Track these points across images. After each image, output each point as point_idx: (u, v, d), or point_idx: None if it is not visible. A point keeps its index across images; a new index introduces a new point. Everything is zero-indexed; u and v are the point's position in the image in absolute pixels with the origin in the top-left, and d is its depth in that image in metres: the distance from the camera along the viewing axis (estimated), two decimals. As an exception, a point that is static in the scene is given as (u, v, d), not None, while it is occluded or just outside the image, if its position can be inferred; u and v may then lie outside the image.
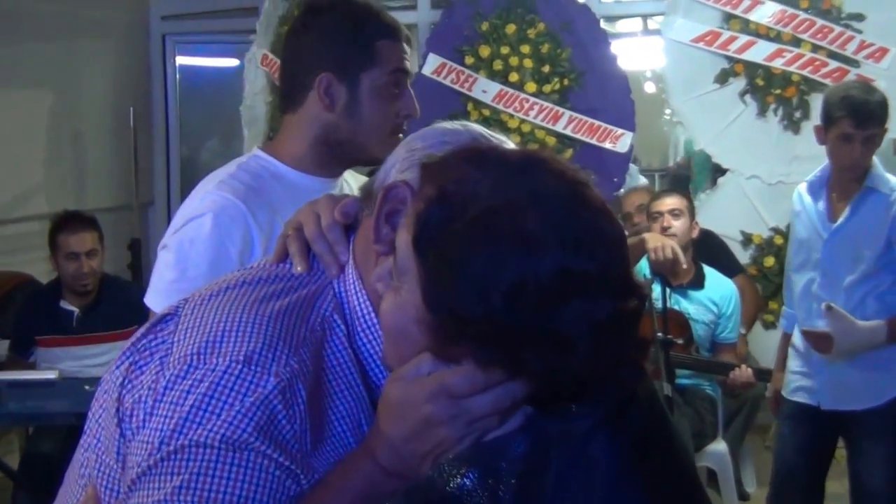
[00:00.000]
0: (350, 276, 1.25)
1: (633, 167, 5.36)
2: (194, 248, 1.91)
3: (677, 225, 4.08)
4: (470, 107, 5.13)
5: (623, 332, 1.01)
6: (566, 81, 5.06)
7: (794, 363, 3.44)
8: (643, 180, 5.71)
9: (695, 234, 4.17)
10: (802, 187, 3.39)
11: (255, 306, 1.18)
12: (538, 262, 0.96)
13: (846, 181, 3.24)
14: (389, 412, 1.10)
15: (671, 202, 4.14)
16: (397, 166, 1.28)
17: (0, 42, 5.14)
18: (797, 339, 3.42)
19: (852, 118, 3.11)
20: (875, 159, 3.23)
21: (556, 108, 5.05)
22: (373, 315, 1.21)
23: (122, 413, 1.17)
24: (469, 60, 5.15)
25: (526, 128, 5.07)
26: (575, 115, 5.04)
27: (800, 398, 3.39)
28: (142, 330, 1.22)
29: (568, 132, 5.03)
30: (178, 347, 1.15)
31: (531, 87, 5.08)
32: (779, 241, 4.86)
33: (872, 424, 3.24)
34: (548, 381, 0.99)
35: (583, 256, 0.98)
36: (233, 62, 6.16)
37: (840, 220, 3.24)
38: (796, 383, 3.41)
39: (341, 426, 1.18)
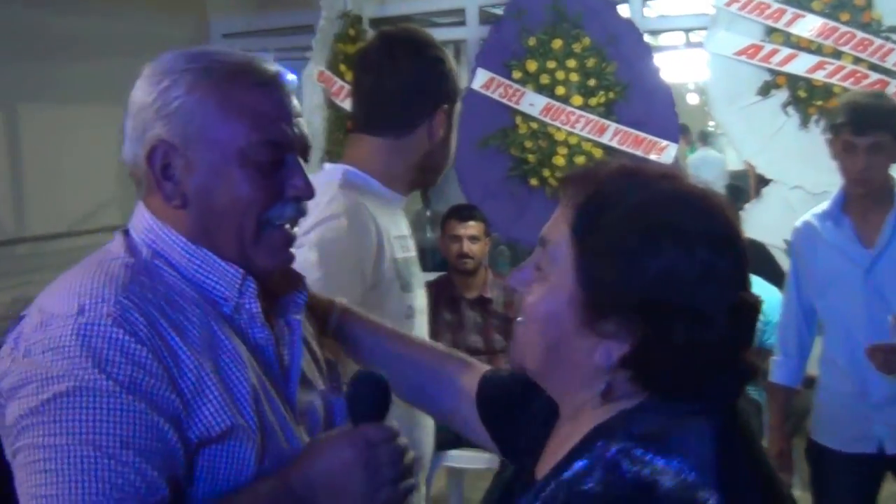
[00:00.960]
0: (156, 230, 1.37)
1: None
2: (337, 246, 2.00)
3: None
4: (518, 120, 5.27)
5: (748, 319, 1.19)
6: (611, 94, 5.17)
7: (839, 411, 3.08)
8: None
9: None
10: (810, 220, 3.17)
11: (80, 274, 1.31)
12: (688, 250, 1.15)
13: (862, 201, 3.01)
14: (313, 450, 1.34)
15: None
16: (140, 131, 1.37)
17: (72, 60, 5.40)
18: (837, 383, 3.09)
19: (851, 125, 2.90)
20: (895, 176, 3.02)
21: (602, 120, 5.16)
22: (192, 247, 1.36)
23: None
24: (517, 75, 5.27)
25: (573, 140, 5.20)
26: (620, 127, 5.15)
27: (855, 448, 3.05)
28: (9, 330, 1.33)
29: (614, 144, 5.14)
30: (26, 330, 1.27)
31: (577, 100, 5.20)
32: (822, 249, 4.91)
33: None
34: (687, 354, 1.15)
35: (722, 251, 1.17)
36: (289, 77, 6.33)
37: (879, 242, 2.98)
38: (848, 433, 3.07)
39: (196, 331, 1.30)
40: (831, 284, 3.10)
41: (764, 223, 5.00)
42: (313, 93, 5.61)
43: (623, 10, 5.32)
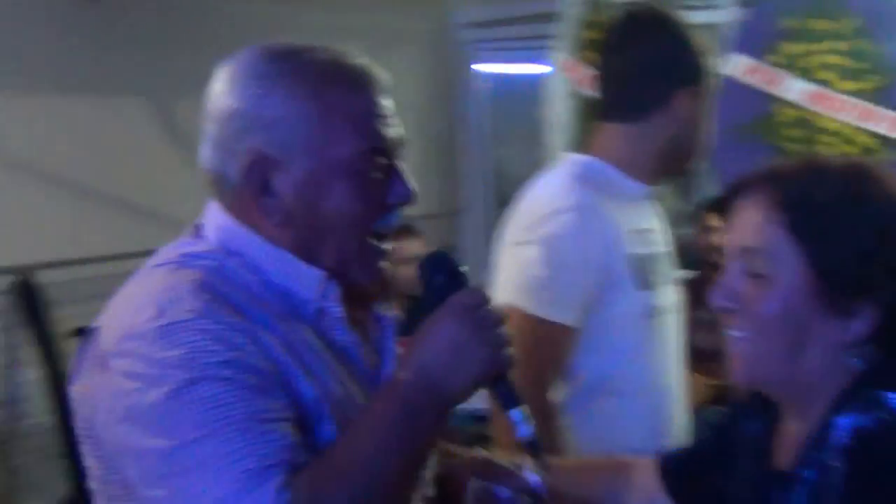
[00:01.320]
0: (232, 230, 1.31)
1: None
2: (565, 243, 1.97)
3: None
4: (778, 107, 5.01)
5: None
6: (882, 79, 4.84)
7: None
8: None
9: None
10: None
11: (150, 279, 1.27)
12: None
13: None
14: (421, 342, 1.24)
15: None
16: (233, 140, 1.30)
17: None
18: None
19: None
20: None
21: (872, 106, 4.84)
22: (270, 248, 1.30)
23: (94, 420, 1.24)
24: (776, 59, 5.01)
25: (840, 128, 4.90)
26: (892, 113, 4.79)
27: None
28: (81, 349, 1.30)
29: (885, 131, 4.81)
30: (109, 342, 1.22)
31: (844, 85, 4.90)
32: None
33: None
34: None
35: None
36: (534, 68, 6.28)
37: None
38: None
39: (275, 330, 1.25)
40: None
41: None
42: (559, 82, 5.53)
43: (896, -12, 4.96)
